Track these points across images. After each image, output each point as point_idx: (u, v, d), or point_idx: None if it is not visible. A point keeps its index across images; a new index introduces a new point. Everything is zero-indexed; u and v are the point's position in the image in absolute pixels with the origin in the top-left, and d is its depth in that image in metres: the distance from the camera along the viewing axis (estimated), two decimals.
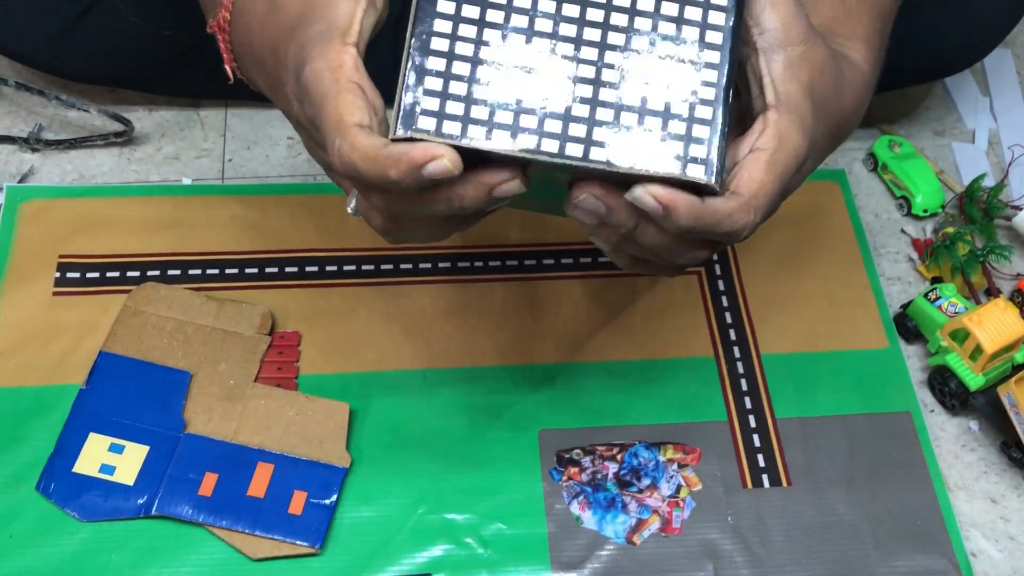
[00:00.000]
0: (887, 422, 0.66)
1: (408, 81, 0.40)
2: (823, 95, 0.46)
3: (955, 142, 0.83)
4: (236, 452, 0.61)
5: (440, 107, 0.39)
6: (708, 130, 0.40)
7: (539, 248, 0.73)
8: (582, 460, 0.63)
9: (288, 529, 0.58)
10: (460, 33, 0.40)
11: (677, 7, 0.41)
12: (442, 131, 0.39)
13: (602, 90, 0.40)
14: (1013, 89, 0.87)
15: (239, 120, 0.80)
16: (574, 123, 0.40)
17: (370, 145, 0.40)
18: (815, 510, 0.62)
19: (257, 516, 0.59)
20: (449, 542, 0.60)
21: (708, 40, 0.41)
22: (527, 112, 0.39)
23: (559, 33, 0.40)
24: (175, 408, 0.62)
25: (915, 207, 0.77)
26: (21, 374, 0.65)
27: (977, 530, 0.63)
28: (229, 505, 0.59)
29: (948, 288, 0.69)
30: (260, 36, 0.48)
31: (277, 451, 0.61)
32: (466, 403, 0.65)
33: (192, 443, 0.61)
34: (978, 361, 0.64)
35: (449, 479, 0.62)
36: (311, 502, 0.59)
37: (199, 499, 0.59)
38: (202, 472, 0.60)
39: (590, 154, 0.39)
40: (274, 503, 0.59)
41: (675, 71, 0.40)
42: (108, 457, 0.60)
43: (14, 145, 0.77)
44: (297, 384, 0.65)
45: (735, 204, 0.42)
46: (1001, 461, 0.66)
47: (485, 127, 0.39)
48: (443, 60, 0.40)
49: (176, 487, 0.59)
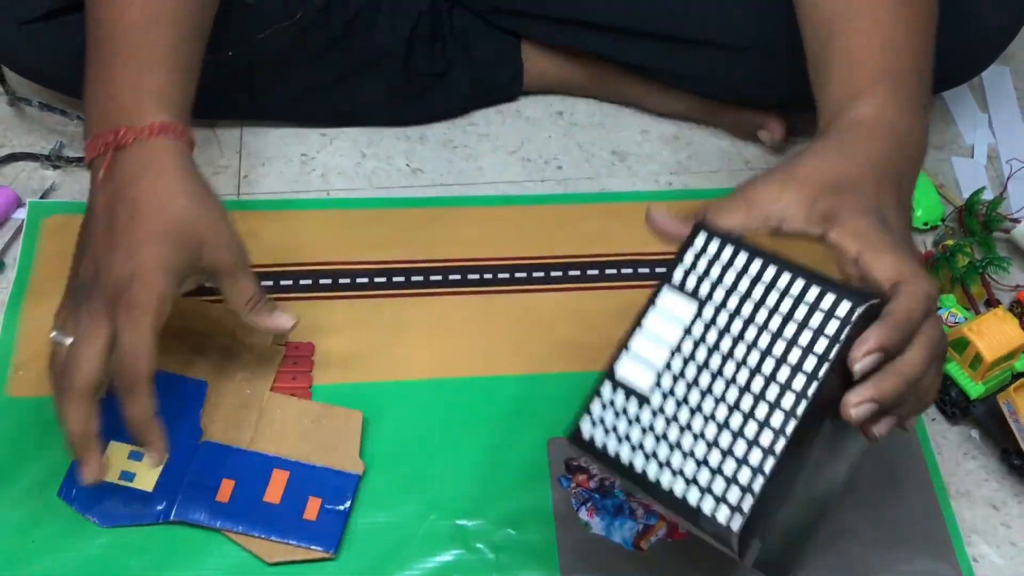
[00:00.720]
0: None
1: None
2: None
3: (954, 157, 0.85)
4: (252, 459, 0.62)
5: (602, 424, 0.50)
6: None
7: (548, 260, 0.75)
8: (590, 467, 0.64)
9: (303, 534, 0.60)
10: None
11: None
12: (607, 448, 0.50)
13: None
14: (1011, 105, 0.89)
15: (254, 138, 0.82)
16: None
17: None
18: None
19: (273, 522, 0.60)
20: (460, 547, 0.61)
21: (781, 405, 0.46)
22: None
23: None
24: (193, 416, 0.63)
25: (916, 220, 0.78)
26: (43, 383, 0.65)
27: (979, 536, 0.64)
28: (246, 511, 0.60)
29: (948, 299, 0.70)
30: (135, 190, 0.55)
31: (292, 458, 0.62)
32: (476, 412, 0.66)
33: (210, 450, 0.62)
34: (978, 370, 0.66)
35: (460, 486, 0.63)
36: (326, 508, 0.60)
37: (216, 505, 0.60)
38: (219, 479, 0.61)
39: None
40: (289, 509, 0.60)
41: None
42: (128, 464, 0.61)
43: (36, 162, 0.80)
44: (311, 394, 0.67)
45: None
46: (1001, 468, 0.67)
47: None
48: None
49: (194, 493, 0.61)
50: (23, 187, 0.78)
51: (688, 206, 0.78)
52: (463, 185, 0.80)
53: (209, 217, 0.55)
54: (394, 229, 0.76)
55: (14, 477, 0.62)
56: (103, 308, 0.53)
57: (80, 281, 0.55)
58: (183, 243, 0.54)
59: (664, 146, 0.84)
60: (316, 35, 0.77)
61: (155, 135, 0.55)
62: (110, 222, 0.54)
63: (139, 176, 0.54)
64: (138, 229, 0.53)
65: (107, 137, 0.55)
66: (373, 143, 0.83)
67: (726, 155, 0.84)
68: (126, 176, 0.54)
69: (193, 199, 0.55)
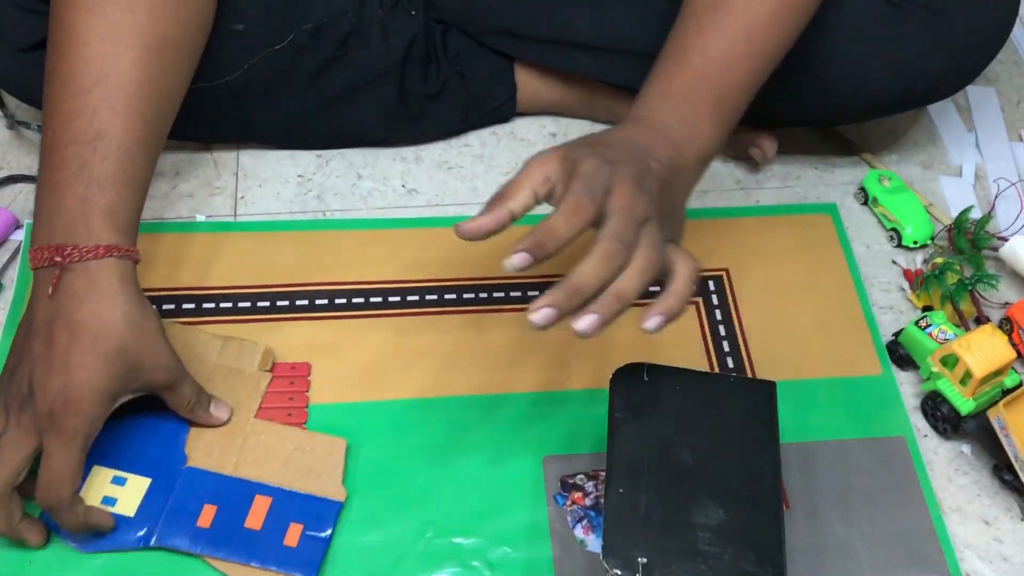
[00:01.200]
0: (882, 447, 0.68)
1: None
2: None
3: (942, 176, 0.86)
4: (235, 485, 0.62)
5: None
6: None
7: (541, 280, 0.75)
8: (585, 485, 0.65)
9: (283, 560, 0.59)
10: None
11: None
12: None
13: None
14: (997, 125, 0.90)
15: (251, 159, 0.83)
16: None
17: None
18: (813, 532, 0.64)
19: (253, 548, 0.60)
20: (456, 565, 0.61)
21: None
22: None
23: None
24: (178, 442, 0.63)
25: (905, 239, 0.79)
26: None
27: (971, 551, 0.64)
28: (226, 537, 0.60)
29: (938, 316, 0.71)
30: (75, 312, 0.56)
31: (275, 484, 0.62)
32: (473, 430, 0.67)
33: (193, 476, 0.62)
34: (968, 386, 0.66)
35: (456, 504, 0.63)
36: (307, 535, 0.60)
37: (197, 531, 0.60)
38: (201, 504, 0.61)
39: None
40: (270, 535, 0.60)
41: None
42: (110, 489, 0.61)
43: (34, 184, 0.80)
44: (307, 414, 0.67)
45: None
46: (993, 484, 0.67)
47: None
48: None
49: (175, 519, 0.60)
50: (21, 209, 0.79)
51: None
52: (458, 205, 0.81)
53: (147, 342, 0.58)
54: (390, 249, 0.77)
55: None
56: (33, 423, 0.56)
57: (13, 383, 0.57)
58: (119, 368, 0.56)
59: None
60: (308, 58, 0.78)
61: (101, 256, 0.57)
62: (50, 342, 0.56)
63: (82, 300, 0.56)
64: (76, 354, 0.55)
65: (52, 252, 0.56)
66: (368, 164, 0.84)
67: (717, 175, 0.85)
68: (70, 297, 0.56)
69: (133, 326, 0.57)
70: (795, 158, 0.86)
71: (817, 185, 0.85)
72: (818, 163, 0.86)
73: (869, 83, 0.75)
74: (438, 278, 0.75)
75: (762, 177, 0.85)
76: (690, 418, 0.58)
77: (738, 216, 0.81)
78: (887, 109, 0.81)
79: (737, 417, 0.59)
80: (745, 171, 0.85)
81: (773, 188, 0.84)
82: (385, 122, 0.83)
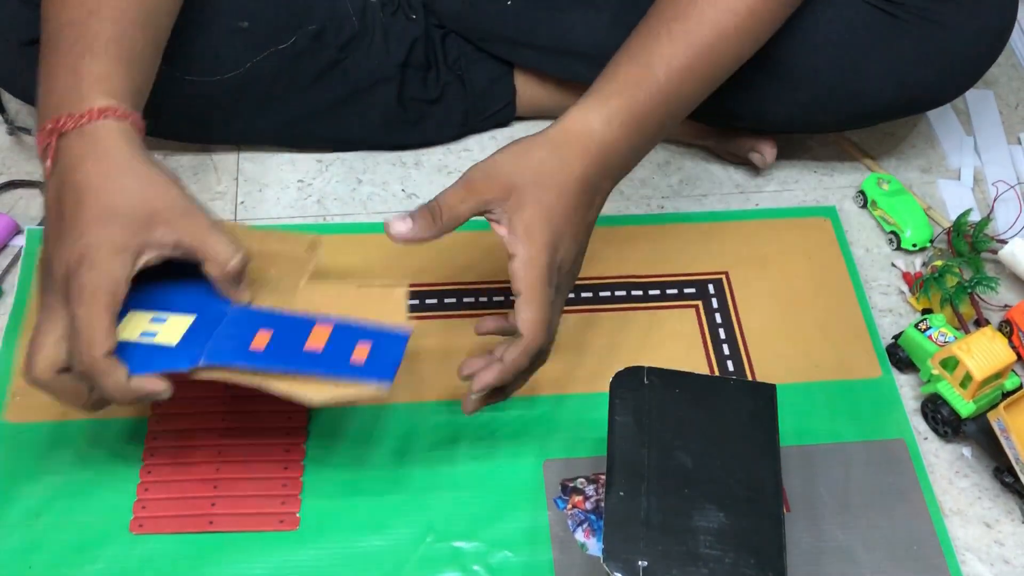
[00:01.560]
0: (882, 449, 0.68)
1: None
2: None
3: (941, 179, 0.86)
4: (290, 316, 0.54)
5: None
6: None
7: None
8: (586, 489, 0.65)
9: (353, 372, 0.52)
10: None
11: None
12: None
13: None
14: (996, 128, 0.90)
15: (251, 164, 0.83)
16: None
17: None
18: (813, 536, 0.63)
19: (317, 363, 0.52)
20: (457, 570, 0.61)
21: None
22: None
23: None
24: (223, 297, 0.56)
25: (904, 242, 0.79)
26: (40, 410, 0.66)
27: (972, 554, 0.64)
28: (285, 355, 0.52)
29: (938, 319, 0.71)
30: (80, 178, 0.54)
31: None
32: (474, 434, 0.67)
33: (243, 311, 0.54)
34: (968, 388, 0.66)
35: (457, 508, 0.63)
36: (375, 353, 0.53)
37: (251, 352, 0.53)
38: (255, 330, 0.53)
39: None
40: (334, 355, 0.52)
41: None
42: (149, 326, 0.55)
43: (35, 190, 0.80)
44: (308, 418, 0.67)
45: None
46: (994, 486, 0.67)
47: None
48: None
49: (225, 342, 0.53)
50: (21, 214, 0.79)
51: (674, 230, 0.80)
52: None
53: (158, 191, 0.53)
54: (389, 254, 0.77)
55: (11, 503, 0.62)
56: (58, 298, 0.52)
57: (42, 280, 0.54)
58: (130, 221, 0.52)
59: (656, 171, 0.85)
60: (310, 60, 0.78)
61: (95, 119, 0.54)
62: (59, 211, 0.53)
63: (82, 160, 0.53)
64: (83, 213, 0.52)
65: (49, 130, 0.54)
66: (368, 169, 0.84)
67: (717, 179, 0.85)
68: (70, 162, 0.53)
69: (138, 176, 0.53)
70: (794, 162, 0.86)
71: (816, 188, 0.85)
72: (817, 167, 0.86)
73: (866, 92, 0.75)
74: (438, 282, 0.75)
75: (762, 181, 0.85)
76: (690, 421, 0.58)
77: (738, 220, 0.81)
78: (884, 117, 0.81)
79: (737, 420, 0.59)
80: (745, 175, 0.85)
81: (772, 192, 0.84)
82: (385, 126, 0.83)
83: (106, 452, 0.65)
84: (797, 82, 0.75)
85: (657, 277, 0.76)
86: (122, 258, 0.52)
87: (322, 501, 0.63)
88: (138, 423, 0.66)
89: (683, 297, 0.75)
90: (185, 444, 0.65)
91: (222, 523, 0.62)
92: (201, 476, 0.64)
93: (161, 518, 0.62)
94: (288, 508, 0.63)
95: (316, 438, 0.66)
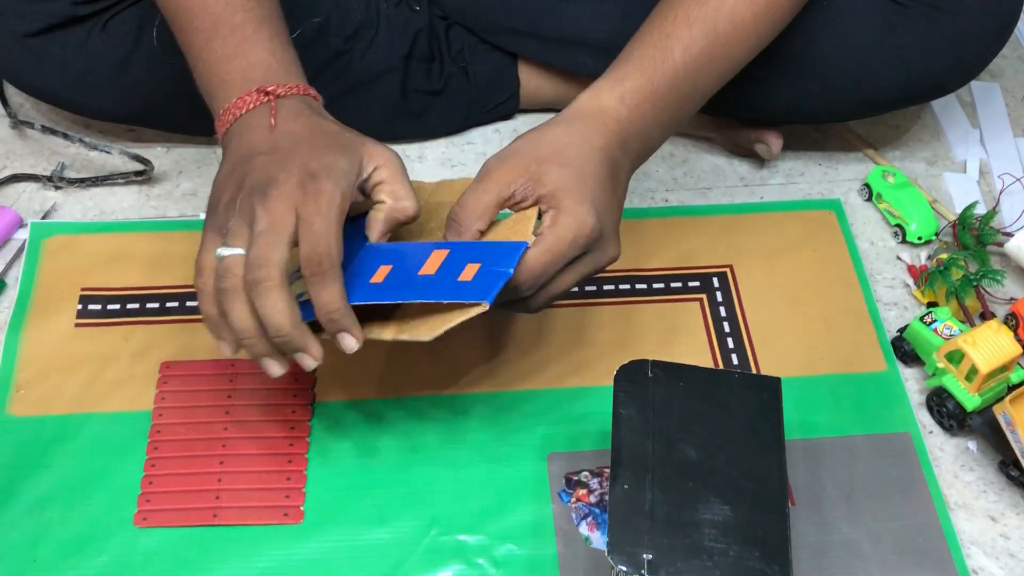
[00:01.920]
0: (887, 443, 0.68)
1: None
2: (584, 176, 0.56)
3: (947, 172, 0.86)
4: (415, 247, 0.58)
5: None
6: None
7: None
8: (590, 482, 0.65)
9: (455, 292, 0.54)
10: None
11: None
12: None
13: None
14: (1002, 121, 0.90)
15: None
16: None
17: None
18: (819, 529, 0.63)
19: (423, 288, 0.55)
20: (461, 563, 0.61)
21: None
22: None
23: None
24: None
25: (909, 235, 0.79)
26: (44, 403, 0.67)
27: (978, 548, 0.64)
28: (397, 285, 0.55)
29: (943, 312, 0.71)
30: (289, 128, 0.57)
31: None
32: (478, 427, 0.67)
33: (374, 247, 0.58)
34: (974, 381, 0.66)
35: (461, 501, 0.63)
36: (484, 270, 0.54)
37: (369, 286, 0.56)
38: (377, 265, 0.57)
39: None
40: (444, 276, 0.55)
41: None
42: None
43: (38, 183, 0.80)
44: (312, 411, 0.67)
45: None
46: (999, 480, 0.67)
47: None
48: None
49: (349, 282, 0.55)
50: (25, 208, 0.79)
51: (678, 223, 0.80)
52: None
53: (361, 139, 0.58)
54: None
55: (15, 496, 0.62)
56: (285, 201, 0.53)
57: (243, 195, 0.55)
58: (350, 153, 0.56)
59: (660, 163, 0.85)
60: (314, 52, 0.78)
61: (301, 93, 0.59)
62: (275, 150, 0.56)
63: (297, 116, 0.57)
64: (303, 145, 0.55)
65: (259, 94, 0.58)
66: None
67: (721, 172, 0.85)
68: (287, 116, 0.57)
69: (348, 131, 0.58)
70: (799, 154, 0.86)
71: (821, 181, 0.84)
72: (822, 159, 0.86)
73: (873, 80, 0.75)
74: None
75: (766, 173, 0.85)
76: (695, 415, 0.58)
77: (742, 212, 0.81)
78: (891, 106, 0.81)
79: (742, 414, 0.58)
80: (749, 167, 0.85)
81: (777, 184, 0.84)
82: (388, 119, 0.83)
83: (110, 445, 0.65)
84: (803, 71, 0.74)
85: (661, 270, 0.76)
86: (349, 179, 0.55)
87: (326, 494, 0.63)
88: (142, 416, 0.66)
89: (687, 290, 0.75)
90: (189, 437, 0.65)
91: (226, 516, 0.62)
92: (205, 469, 0.64)
93: (165, 511, 0.62)
94: (292, 501, 0.63)
95: (320, 431, 0.66)
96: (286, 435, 0.66)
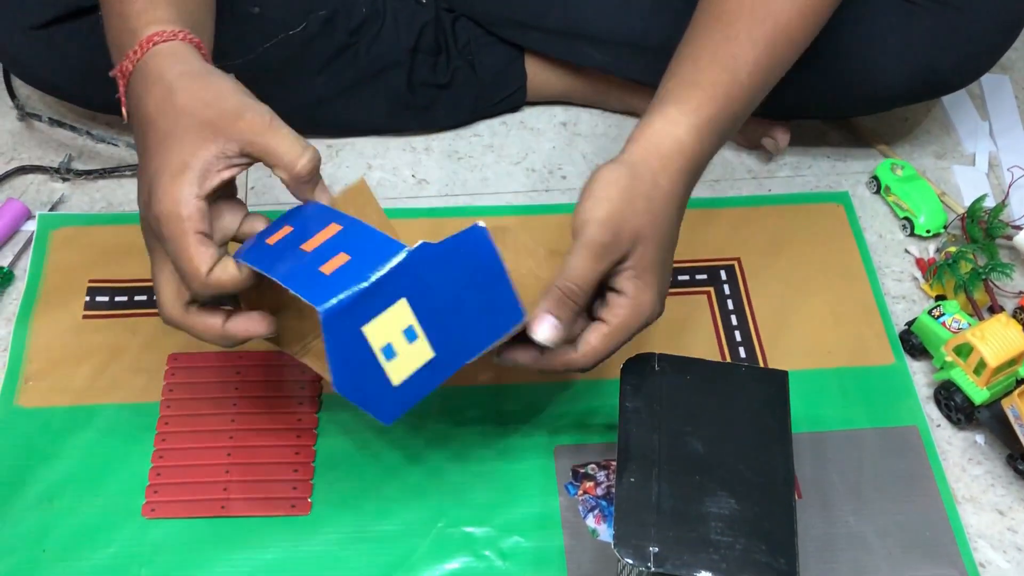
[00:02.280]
0: (895, 436, 0.67)
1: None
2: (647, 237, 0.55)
3: (956, 165, 0.85)
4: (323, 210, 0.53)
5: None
6: None
7: None
8: (597, 475, 0.65)
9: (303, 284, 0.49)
10: None
11: None
12: None
13: None
14: (1012, 113, 0.89)
15: None
16: None
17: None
18: (826, 523, 0.63)
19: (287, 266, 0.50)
20: (468, 555, 0.61)
21: None
22: None
23: None
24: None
25: (918, 228, 0.79)
26: (52, 394, 0.67)
27: (985, 541, 0.64)
28: (275, 255, 0.51)
29: (951, 305, 0.70)
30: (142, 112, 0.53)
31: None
32: (485, 420, 0.67)
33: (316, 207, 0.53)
34: (982, 375, 0.66)
35: (468, 493, 0.63)
36: (349, 265, 0.49)
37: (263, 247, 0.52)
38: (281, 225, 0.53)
39: None
40: (313, 259, 0.50)
41: None
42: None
43: (46, 175, 0.80)
44: (320, 403, 0.67)
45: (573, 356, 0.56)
46: (1007, 474, 0.67)
47: None
48: None
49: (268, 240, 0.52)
50: (32, 199, 0.79)
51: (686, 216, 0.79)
52: (468, 195, 0.81)
53: (208, 102, 0.51)
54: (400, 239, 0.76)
55: (24, 487, 0.63)
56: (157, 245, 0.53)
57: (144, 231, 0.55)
58: (186, 143, 0.50)
59: None
60: (321, 45, 0.78)
61: (145, 49, 0.52)
62: (140, 155, 0.53)
63: (141, 99, 0.52)
64: (153, 155, 0.51)
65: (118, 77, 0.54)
66: (379, 154, 0.83)
67: (728, 164, 0.84)
68: (135, 102, 0.53)
69: (188, 92, 0.51)
70: (807, 147, 0.86)
71: (829, 174, 0.84)
72: (830, 152, 0.86)
73: (883, 77, 0.75)
74: None
75: (774, 166, 0.84)
76: (701, 408, 0.58)
77: (750, 205, 0.80)
78: (900, 101, 0.80)
79: (749, 407, 0.58)
80: (757, 160, 0.85)
81: (785, 177, 0.84)
82: (395, 111, 0.83)
83: (119, 437, 0.65)
84: (811, 66, 0.74)
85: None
86: (183, 180, 0.50)
87: (334, 486, 0.63)
88: (150, 408, 0.66)
89: (695, 283, 0.75)
90: (197, 429, 0.65)
91: (234, 508, 0.62)
92: (213, 461, 0.64)
93: (173, 503, 0.62)
94: (300, 493, 0.63)
95: (327, 424, 0.66)
96: (293, 427, 0.66)
